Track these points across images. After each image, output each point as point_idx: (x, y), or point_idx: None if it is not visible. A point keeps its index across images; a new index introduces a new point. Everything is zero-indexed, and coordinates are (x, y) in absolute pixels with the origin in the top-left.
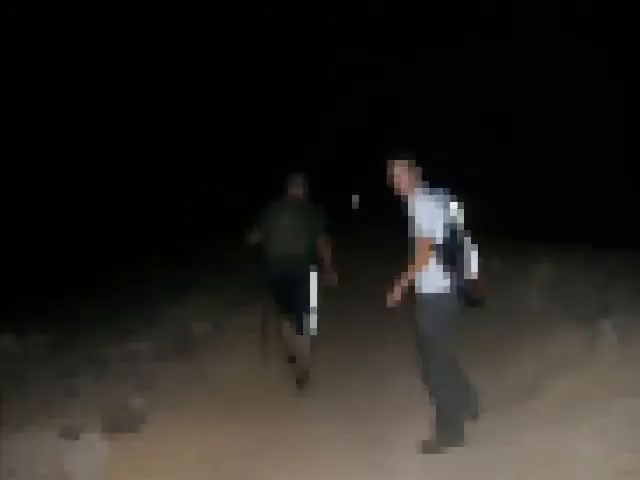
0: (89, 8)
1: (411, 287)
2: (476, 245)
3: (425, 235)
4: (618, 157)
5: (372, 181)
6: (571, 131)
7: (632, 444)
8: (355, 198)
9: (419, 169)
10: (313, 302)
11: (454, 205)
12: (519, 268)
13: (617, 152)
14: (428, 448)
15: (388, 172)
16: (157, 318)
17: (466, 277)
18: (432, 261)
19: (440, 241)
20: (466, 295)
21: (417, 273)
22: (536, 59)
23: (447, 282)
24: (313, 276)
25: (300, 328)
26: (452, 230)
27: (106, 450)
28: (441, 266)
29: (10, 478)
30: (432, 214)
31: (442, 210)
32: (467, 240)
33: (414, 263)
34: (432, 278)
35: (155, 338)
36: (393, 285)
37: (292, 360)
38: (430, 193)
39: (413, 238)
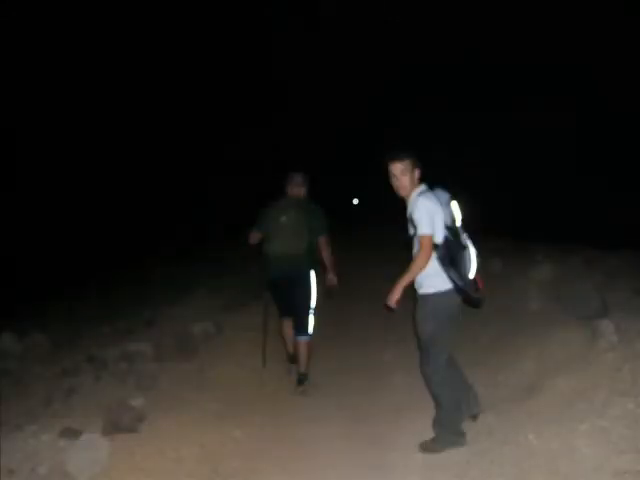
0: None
1: (411, 287)
2: (476, 245)
3: (425, 235)
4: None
5: (372, 181)
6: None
7: (632, 444)
8: (354, 201)
9: (419, 169)
10: (313, 302)
11: (454, 205)
12: (519, 268)
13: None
14: (428, 448)
15: (388, 172)
16: (157, 318)
17: (466, 277)
18: (432, 261)
19: (440, 241)
20: (466, 295)
21: (417, 273)
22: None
23: (447, 282)
24: (313, 276)
25: (300, 328)
26: (452, 230)
27: (106, 450)
28: (441, 266)
29: (10, 478)
30: (432, 214)
31: (442, 210)
32: (467, 240)
33: (414, 263)
34: (432, 278)
35: (155, 338)
36: (393, 285)
37: (292, 360)
38: (430, 193)
39: (413, 238)
